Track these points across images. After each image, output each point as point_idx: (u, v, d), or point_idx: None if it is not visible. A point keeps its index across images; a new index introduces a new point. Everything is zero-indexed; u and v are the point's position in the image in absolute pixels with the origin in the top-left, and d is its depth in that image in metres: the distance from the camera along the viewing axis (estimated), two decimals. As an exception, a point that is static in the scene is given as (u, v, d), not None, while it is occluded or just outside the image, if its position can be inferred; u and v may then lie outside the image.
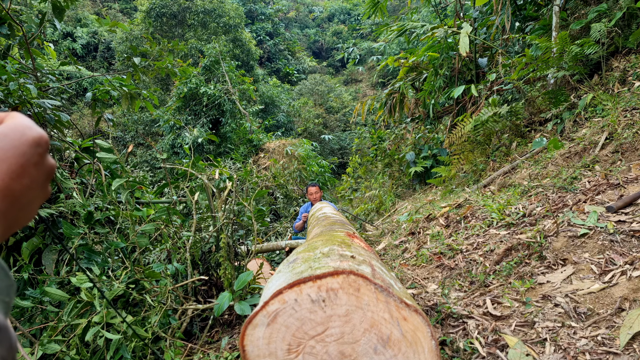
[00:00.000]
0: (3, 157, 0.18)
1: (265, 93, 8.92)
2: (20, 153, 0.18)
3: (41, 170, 0.19)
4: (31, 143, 0.19)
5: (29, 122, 0.20)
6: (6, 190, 0.18)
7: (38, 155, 0.19)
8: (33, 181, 0.19)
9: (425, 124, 3.71)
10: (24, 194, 0.19)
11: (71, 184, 1.11)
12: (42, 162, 0.19)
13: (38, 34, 1.42)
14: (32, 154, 0.19)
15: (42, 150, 0.19)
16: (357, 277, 0.47)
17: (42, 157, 0.19)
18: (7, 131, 0.19)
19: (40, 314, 0.88)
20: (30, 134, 0.19)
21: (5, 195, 0.18)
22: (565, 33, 2.02)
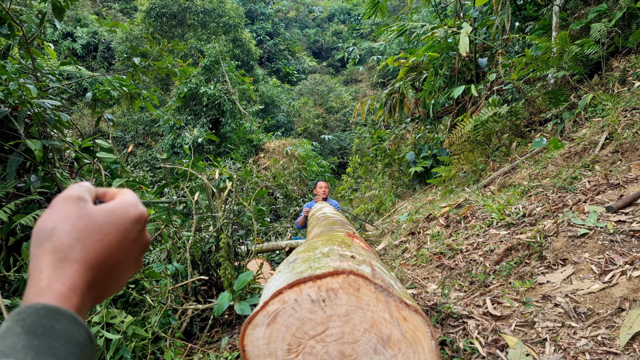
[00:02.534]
0: (106, 232, 0.19)
1: (265, 93, 8.93)
2: (121, 229, 0.20)
3: (137, 245, 0.21)
4: (133, 220, 0.20)
5: (134, 200, 0.21)
6: (103, 263, 0.19)
7: (137, 232, 0.21)
8: (128, 255, 0.20)
9: (425, 124, 3.71)
10: (118, 265, 0.20)
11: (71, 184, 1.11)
12: (139, 237, 0.21)
13: (38, 34, 1.42)
14: (132, 230, 0.20)
15: (140, 227, 0.21)
16: (357, 277, 0.47)
17: (140, 233, 0.21)
18: (114, 208, 0.20)
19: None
20: (133, 212, 0.21)
21: (102, 267, 0.19)
22: (565, 33, 2.02)
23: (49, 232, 0.18)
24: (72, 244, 0.18)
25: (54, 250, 0.18)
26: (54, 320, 0.15)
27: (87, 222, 0.19)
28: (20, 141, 1.06)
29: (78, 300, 0.17)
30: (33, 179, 1.12)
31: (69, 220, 0.18)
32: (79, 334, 0.16)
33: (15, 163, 1.07)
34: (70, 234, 0.18)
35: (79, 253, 0.18)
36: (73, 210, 0.19)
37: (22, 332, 0.15)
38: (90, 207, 0.20)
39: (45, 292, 0.16)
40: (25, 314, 0.15)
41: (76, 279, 0.17)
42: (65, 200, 0.19)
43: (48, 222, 0.18)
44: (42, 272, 0.17)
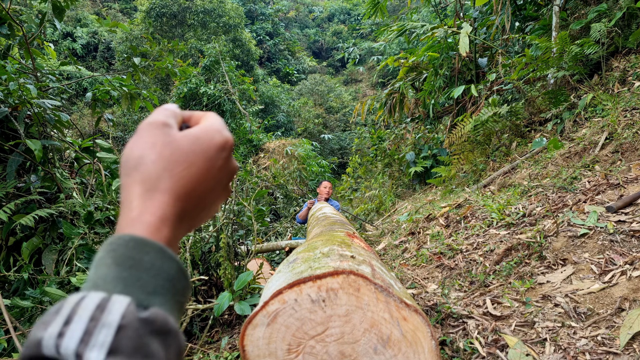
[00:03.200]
0: (193, 160, 0.18)
1: (265, 93, 8.93)
2: (208, 157, 0.19)
3: (224, 172, 0.20)
4: (218, 147, 0.19)
5: (219, 125, 0.20)
6: (192, 192, 0.18)
7: (223, 159, 0.20)
8: (217, 183, 0.19)
9: (425, 124, 3.71)
10: (207, 195, 0.19)
11: (71, 184, 1.11)
12: (226, 165, 0.20)
13: (38, 34, 1.42)
14: (218, 157, 0.19)
15: (226, 153, 0.20)
16: (357, 277, 0.47)
17: (227, 160, 0.20)
18: (199, 134, 0.19)
19: (40, 314, 0.88)
20: (218, 138, 0.19)
21: (191, 197, 0.18)
22: (565, 33, 2.02)
23: (136, 160, 0.18)
24: (159, 173, 0.17)
25: (142, 181, 0.17)
26: (143, 252, 0.15)
27: (172, 150, 0.18)
28: (20, 141, 1.06)
29: (168, 232, 0.17)
30: (33, 179, 1.12)
31: (155, 148, 0.18)
32: (169, 266, 0.15)
33: (15, 163, 1.07)
34: (156, 162, 0.17)
35: (167, 183, 0.17)
36: (158, 137, 0.18)
37: (112, 264, 0.15)
38: (175, 133, 0.19)
39: (136, 223, 0.16)
40: (116, 245, 0.15)
41: (165, 209, 0.17)
42: (150, 126, 0.18)
43: (135, 150, 0.18)
44: (132, 202, 0.17)
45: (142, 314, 0.13)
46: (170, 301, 0.15)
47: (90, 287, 0.14)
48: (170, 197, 0.17)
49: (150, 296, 0.14)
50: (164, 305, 0.15)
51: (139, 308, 0.14)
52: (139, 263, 0.15)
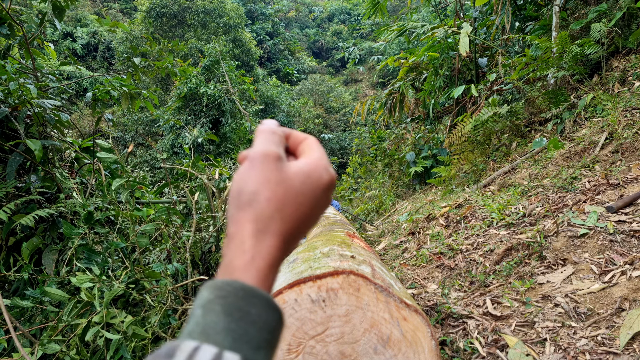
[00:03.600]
0: (302, 202, 0.18)
1: (265, 93, 8.92)
2: (315, 197, 0.19)
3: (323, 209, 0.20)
4: (325, 187, 0.19)
5: (326, 161, 0.20)
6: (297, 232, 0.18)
7: (326, 198, 0.20)
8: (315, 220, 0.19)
9: (425, 124, 3.71)
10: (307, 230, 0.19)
11: (71, 184, 1.11)
12: (326, 202, 0.20)
13: (38, 34, 1.42)
14: (323, 196, 0.19)
15: (330, 192, 0.20)
16: (357, 277, 0.47)
17: (328, 198, 0.20)
18: (309, 171, 0.19)
19: (40, 314, 0.88)
20: (326, 178, 0.19)
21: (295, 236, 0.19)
22: (565, 33, 2.02)
23: (250, 196, 0.17)
24: (272, 214, 0.17)
25: (255, 219, 0.17)
26: (251, 304, 0.15)
27: (285, 190, 0.18)
28: (20, 141, 1.06)
29: (273, 276, 0.17)
30: (33, 179, 1.12)
31: (269, 185, 0.18)
32: (272, 318, 0.16)
33: (15, 163, 1.07)
34: (270, 202, 0.17)
35: (278, 225, 0.17)
36: (273, 174, 0.18)
37: (221, 312, 0.15)
38: (288, 169, 0.19)
39: (249, 268, 0.16)
40: (225, 292, 0.15)
41: (274, 253, 0.17)
42: (265, 160, 0.18)
43: (250, 183, 0.18)
44: (244, 242, 0.17)
45: None
46: (271, 354, 0.15)
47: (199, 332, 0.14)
48: (279, 240, 0.17)
49: (255, 352, 0.15)
50: None
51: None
52: (247, 315, 0.15)
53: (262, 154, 0.19)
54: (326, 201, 0.20)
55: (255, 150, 0.19)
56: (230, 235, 0.18)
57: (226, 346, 0.14)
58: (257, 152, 0.19)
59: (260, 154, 0.19)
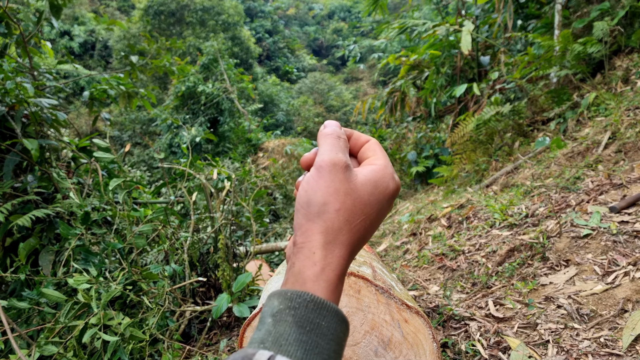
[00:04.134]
0: (369, 212, 0.19)
1: (265, 91, 8.88)
2: (381, 207, 0.19)
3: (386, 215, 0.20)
4: (390, 196, 0.20)
5: (391, 169, 0.20)
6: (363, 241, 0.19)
7: (390, 205, 0.20)
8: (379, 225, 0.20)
9: (426, 123, 3.69)
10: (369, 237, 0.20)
11: (68, 184, 1.10)
12: (389, 209, 0.20)
13: (35, 32, 1.40)
14: (387, 205, 0.20)
15: (394, 199, 0.20)
16: (357, 279, 0.46)
17: (391, 205, 0.20)
18: (377, 181, 0.19)
19: (37, 315, 0.87)
20: (392, 187, 0.20)
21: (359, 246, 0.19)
22: (568, 31, 2.00)
23: (320, 207, 0.18)
24: (341, 226, 0.18)
25: (326, 231, 0.17)
26: (321, 316, 0.16)
27: (354, 200, 0.18)
28: (17, 140, 1.04)
29: (341, 287, 0.17)
30: (30, 179, 1.11)
31: (338, 196, 0.18)
32: (340, 329, 0.16)
33: (12, 163, 1.06)
34: (339, 213, 0.18)
35: (346, 236, 0.18)
36: (342, 184, 0.18)
37: (293, 323, 0.15)
38: (356, 179, 0.19)
39: (319, 280, 0.17)
40: (297, 303, 0.16)
41: (343, 264, 0.17)
42: (334, 170, 0.18)
43: (319, 194, 0.18)
44: (314, 253, 0.17)
45: None
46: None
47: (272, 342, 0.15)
48: (347, 251, 0.18)
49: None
50: None
51: None
52: (317, 327, 0.15)
53: (330, 162, 0.19)
54: (389, 208, 0.20)
55: (323, 159, 0.19)
56: (299, 245, 0.18)
57: (298, 357, 0.14)
58: (325, 160, 0.19)
59: (329, 162, 0.19)
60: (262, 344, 0.14)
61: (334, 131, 0.20)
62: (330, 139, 0.20)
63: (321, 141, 0.20)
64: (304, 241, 0.17)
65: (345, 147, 0.20)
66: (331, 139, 0.20)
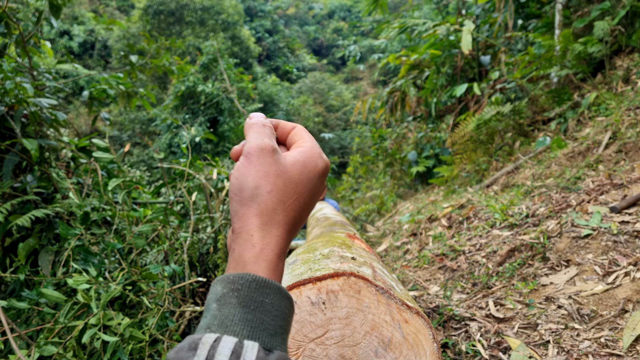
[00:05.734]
0: (301, 191, 0.19)
1: (264, 91, 8.88)
2: (312, 184, 0.20)
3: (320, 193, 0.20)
4: (320, 174, 0.20)
5: (318, 149, 0.21)
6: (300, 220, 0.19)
7: (321, 184, 0.20)
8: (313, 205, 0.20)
9: (427, 122, 3.69)
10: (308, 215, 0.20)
11: (67, 184, 1.10)
12: (322, 187, 0.21)
13: (35, 32, 1.40)
14: (320, 182, 0.20)
15: (325, 177, 0.21)
16: (357, 279, 0.46)
17: (324, 183, 0.21)
18: (305, 161, 0.20)
19: (36, 316, 0.87)
20: (321, 165, 0.20)
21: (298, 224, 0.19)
22: (569, 31, 2.00)
23: (253, 191, 0.18)
24: (275, 206, 0.18)
25: (260, 213, 0.18)
26: (264, 294, 0.16)
27: (284, 181, 0.18)
28: (17, 140, 1.04)
29: (282, 265, 0.18)
30: (29, 179, 1.10)
31: (268, 178, 0.18)
32: (285, 305, 0.16)
33: (12, 163, 1.06)
34: (272, 194, 0.18)
35: (281, 216, 0.18)
36: (271, 166, 0.18)
37: (237, 304, 0.15)
38: (284, 161, 0.19)
39: (259, 260, 0.17)
40: (239, 285, 0.16)
41: (281, 243, 0.18)
42: (262, 154, 0.18)
43: (250, 179, 0.18)
44: (252, 235, 0.17)
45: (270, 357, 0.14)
46: (286, 338, 0.16)
47: (218, 325, 0.15)
48: (284, 229, 0.18)
49: (272, 338, 0.15)
50: (282, 345, 0.16)
51: (265, 352, 0.14)
52: (262, 305, 0.16)
53: (257, 148, 0.19)
54: (321, 187, 0.20)
55: (250, 145, 0.19)
56: (237, 230, 0.18)
57: (245, 335, 0.14)
58: (252, 147, 0.19)
59: (255, 148, 0.19)
60: (208, 328, 0.14)
61: (259, 121, 0.20)
62: (255, 127, 0.20)
63: (247, 131, 0.20)
64: (242, 226, 0.17)
65: (271, 134, 0.20)
66: (256, 127, 0.20)
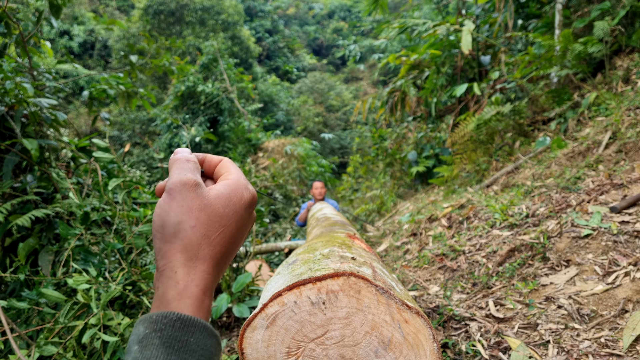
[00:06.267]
0: (227, 224, 0.19)
1: (264, 91, 8.88)
2: (238, 217, 0.20)
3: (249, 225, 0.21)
4: (246, 205, 0.20)
5: (244, 180, 0.21)
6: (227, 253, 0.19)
7: (249, 215, 0.20)
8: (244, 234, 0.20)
9: (427, 122, 3.69)
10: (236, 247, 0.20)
11: (67, 184, 1.10)
12: (251, 219, 0.21)
13: (35, 32, 1.40)
14: (247, 214, 0.20)
15: (252, 209, 0.21)
16: (357, 279, 0.46)
17: (251, 214, 0.21)
18: (230, 194, 0.20)
19: (36, 316, 0.87)
20: (247, 197, 0.20)
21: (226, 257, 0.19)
22: (569, 31, 2.00)
23: (175, 227, 0.18)
24: (199, 241, 0.18)
25: (184, 249, 0.17)
26: (189, 333, 0.16)
27: (208, 215, 0.18)
28: (17, 140, 1.04)
29: (209, 300, 0.17)
30: (29, 179, 1.10)
31: (191, 213, 0.18)
32: (210, 344, 0.16)
33: (12, 163, 1.06)
34: (196, 229, 0.18)
35: (207, 250, 0.18)
36: (194, 201, 0.18)
37: (160, 345, 0.15)
38: (208, 195, 0.19)
39: (183, 297, 0.17)
40: (162, 324, 0.15)
41: (207, 278, 0.17)
42: (184, 188, 0.18)
43: (172, 215, 0.18)
44: (176, 272, 0.17)
45: None
46: None
47: None
48: (210, 264, 0.18)
49: None
50: None
51: None
52: (185, 345, 0.15)
53: (180, 183, 0.19)
54: (249, 218, 0.21)
55: (172, 181, 0.19)
56: (161, 268, 0.17)
57: None
58: (174, 182, 0.19)
59: (178, 183, 0.19)
60: None
61: (182, 156, 0.20)
62: (178, 162, 0.20)
63: (171, 167, 0.20)
64: (165, 263, 0.17)
65: (194, 168, 0.20)
66: (179, 162, 0.20)
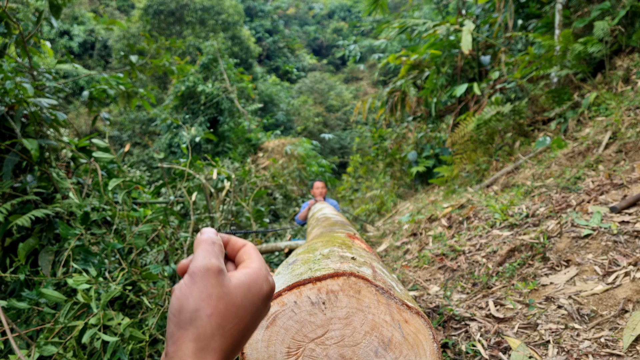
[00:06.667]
0: (243, 315, 0.19)
1: (264, 91, 8.88)
2: (255, 309, 0.20)
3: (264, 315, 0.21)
4: (265, 297, 0.20)
5: (265, 271, 0.21)
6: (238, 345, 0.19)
7: (265, 307, 0.20)
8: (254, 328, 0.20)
9: (427, 122, 3.69)
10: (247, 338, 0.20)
11: (67, 184, 1.10)
12: (266, 310, 0.21)
13: (35, 32, 1.40)
14: (263, 307, 0.20)
15: (269, 301, 0.21)
16: (357, 279, 0.46)
17: (267, 306, 0.21)
18: (250, 284, 0.20)
19: (36, 316, 0.87)
20: (266, 289, 0.20)
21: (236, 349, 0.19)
22: (569, 31, 2.00)
23: (192, 314, 0.18)
24: (214, 331, 0.18)
25: (197, 338, 0.17)
26: None
27: (226, 305, 0.18)
28: (17, 140, 1.04)
29: None
30: (29, 179, 1.10)
31: (210, 301, 0.18)
32: None
33: (12, 163, 1.06)
34: (212, 318, 0.18)
35: (219, 342, 0.18)
36: (215, 289, 0.18)
37: None
38: (229, 284, 0.19)
39: None
40: None
41: None
42: (206, 274, 0.18)
43: (190, 301, 0.18)
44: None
45: None
46: None
47: None
48: (220, 356, 0.18)
49: None
50: None
51: None
52: None
53: (203, 268, 0.19)
54: (265, 309, 0.20)
55: (196, 265, 0.19)
56: (170, 354, 0.17)
57: None
58: (197, 266, 0.19)
59: (201, 268, 0.19)
60: None
61: (209, 237, 0.20)
62: (204, 244, 0.20)
63: (196, 248, 0.20)
64: (175, 350, 0.17)
65: (219, 252, 0.20)
66: (205, 244, 0.20)
